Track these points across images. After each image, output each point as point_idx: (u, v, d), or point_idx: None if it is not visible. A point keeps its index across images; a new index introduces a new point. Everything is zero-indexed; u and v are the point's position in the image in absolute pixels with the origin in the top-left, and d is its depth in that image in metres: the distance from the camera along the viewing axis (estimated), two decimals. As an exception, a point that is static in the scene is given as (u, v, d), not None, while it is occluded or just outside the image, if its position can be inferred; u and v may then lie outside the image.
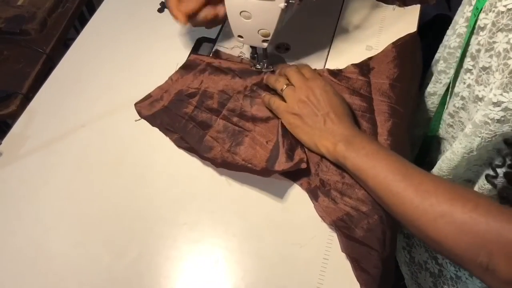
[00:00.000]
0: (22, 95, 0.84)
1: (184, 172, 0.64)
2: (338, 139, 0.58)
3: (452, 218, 0.47)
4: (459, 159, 0.59)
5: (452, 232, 0.47)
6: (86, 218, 0.61)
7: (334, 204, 0.59)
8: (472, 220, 0.46)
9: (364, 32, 0.79)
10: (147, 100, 0.71)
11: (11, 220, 0.61)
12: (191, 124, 0.67)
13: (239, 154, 0.63)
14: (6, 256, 0.58)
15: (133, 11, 0.86)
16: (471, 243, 0.46)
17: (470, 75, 0.58)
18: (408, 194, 0.51)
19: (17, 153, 0.67)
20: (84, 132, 0.69)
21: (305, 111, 0.61)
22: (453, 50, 0.64)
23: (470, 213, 0.46)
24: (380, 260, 0.54)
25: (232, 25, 0.65)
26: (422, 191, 0.50)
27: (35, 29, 0.93)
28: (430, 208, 0.48)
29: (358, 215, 0.57)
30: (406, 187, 0.51)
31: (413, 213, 0.50)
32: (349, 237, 0.56)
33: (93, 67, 0.77)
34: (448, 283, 0.70)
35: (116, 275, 0.56)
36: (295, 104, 0.62)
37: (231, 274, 0.56)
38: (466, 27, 0.60)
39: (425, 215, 0.49)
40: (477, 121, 0.53)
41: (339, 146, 0.57)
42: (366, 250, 0.55)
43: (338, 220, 0.57)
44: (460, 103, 0.62)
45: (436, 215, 0.48)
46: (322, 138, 0.59)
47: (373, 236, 0.55)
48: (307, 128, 0.61)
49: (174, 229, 0.59)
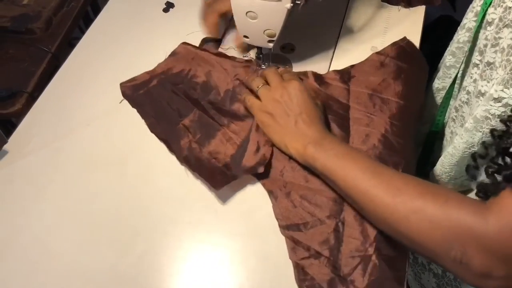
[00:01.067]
0: (27, 93, 0.84)
1: (189, 171, 0.64)
2: (308, 140, 0.58)
3: (423, 213, 0.47)
4: (460, 154, 0.59)
5: (424, 228, 0.47)
6: (91, 216, 0.61)
7: (292, 207, 0.59)
8: (444, 214, 0.46)
9: (369, 32, 0.79)
10: (132, 81, 0.72)
11: (16, 218, 0.61)
12: (169, 108, 0.68)
13: (207, 146, 0.63)
14: (11, 254, 0.59)
15: (138, 10, 0.86)
16: (444, 237, 0.46)
17: (477, 70, 0.58)
18: (378, 191, 0.51)
19: (22, 151, 0.68)
20: (89, 131, 0.69)
21: (277, 110, 0.61)
22: (462, 44, 0.64)
23: (442, 207, 0.46)
24: (331, 266, 0.54)
25: (238, 25, 0.66)
26: (393, 188, 0.50)
27: (41, 28, 0.94)
28: (401, 205, 0.48)
29: (313, 222, 0.57)
30: (376, 185, 0.51)
31: (384, 211, 0.50)
32: (298, 242, 0.56)
33: (98, 66, 0.78)
34: (451, 283, 0.70)
35: (120, 273, 0.56)
36: (268, 103, 0.62)
37: (235, 274, 0.56)
38: (475, 21, 0.60)
39: (396, 213, 0.49)
40: (478, 116, 0.53)
41: (309, 147, 0.57)
42: (314, 257, 0.55)
43: (293, 225, 0.57)
44: (465, 98, 0.62)
45: (408, 212, 0.48)
46: (292, 140, 0.59)
47: (326, 244, 0.55)
48: (278, 128, 0.61)
49: (179, 228, 0.59)
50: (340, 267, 0.54)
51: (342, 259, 0.54)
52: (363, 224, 0.56)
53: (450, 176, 0.63)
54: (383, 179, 0.51)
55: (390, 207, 0.49)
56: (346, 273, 0.53)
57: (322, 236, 0.56)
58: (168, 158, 0.66)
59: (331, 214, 0.57)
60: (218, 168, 0.61)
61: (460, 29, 0.65)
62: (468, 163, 0.57)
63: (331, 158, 0.55)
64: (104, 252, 0.58)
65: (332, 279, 0.53)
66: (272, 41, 0.66)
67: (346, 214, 0.57)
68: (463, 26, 0.64)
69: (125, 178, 0.64)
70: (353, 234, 0.56)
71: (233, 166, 0.61)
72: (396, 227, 0.50)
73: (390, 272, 0.53)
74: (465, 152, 0.57)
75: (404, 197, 0.49)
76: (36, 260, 0.58)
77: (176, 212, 0.61)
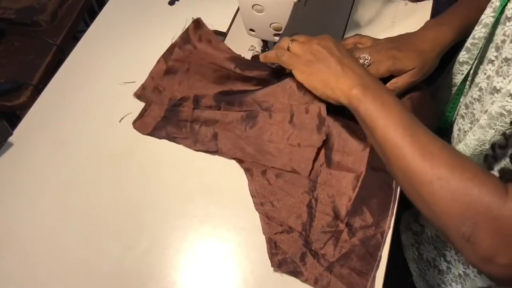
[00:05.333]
0: (32, 86, 0.84)
1: (195, 165, 0.64)
2: (356, 82, 0.56)
3: (448, 182, 0.47)
4: (471, 152, 0.58)
5: (444, 197, 0.47)
6: (97, 209, 0.61)
7: (267, 185, 0.60)
8: (466, 188, 0.46)
9: (376, 27, 0.78)
10: (142, 117, 0.69)
11: (22, 211, 0.62)
12: (197, 125, 0.67)
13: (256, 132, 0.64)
14: (16, 247, 0.59)
15: (143, 3, 0.86)
16: (459, 211, 0.45)
17: (492, 66, 0.58)
18: (413, 151, 0.50)
19: (28, 144, 0.68)
20: (94, 123, 0.69)
21: (319, 56, 0.59)
22: (478, 40, 0.63)
23: (466, 181, 0.46)
24: (303, 241, 0.56)
25: (244, 19, 0.65)
26: (427, 152, 0.49)
27: (46, 20, 0.94)
28: (429, 170, 0.48)
29: (287, 199, 0.59)
30: (413, 144, 0.50)
31: (412, 171, 0.50)
32: (271, 218, 0.58)
33: (103, 59, 0.77)
34: (456, 280, 0.70)
35: (126, 266, 0.56)
36: (307, 52, 0.60)
37: (240, 268, 0.56)
38: (493, 17, 0.59)
39: (423, 175, 0.48)
40: (493, 112, 0.52)
41: (356, 88, 0.56)
42: (287, 232, 0.57)
43: (267, 202, 0.59)
44: (477, 94, 0.61)
45: (434, 177, 0.47)
46: (339, 82, 0.57)
47: (299, 220, 0.57)
48: (322, 74, 0.59)
49: (184, 222, 0.59)
50: (312, 242, 0.56)
51: (314, 234, 0.57)
52: (335, 201, 0.58)
53: None
54: (421, 139, 0.51)
55: (419, 168, 0.49)
56: (318, 247, 0.56)
57: (295, 212, 0.58)
58: (174, 152, 0.65)
59: (304, 191, 0.59)
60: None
61: (477, 25, 0.64)
62: (487, 153, 0.57)
63: (377, 104, 0.54)
64: (109, 246, 0.58)
65: (304, 253, 0.55)
66: (278, 35, 0.66)
67: (320, 190, 0.59)
68: (479, 22, 0.63)
69: (131, 171, 0.64)
70: (325, 210, 0.58)
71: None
72: (418, 189, 0.49)
73: (362, 247, 0.55)
74: (475, 150, 0.56)
75: (434, 162, 0.48)
76: (41, 253, 0.58)
77: (181, 206, 0.61)
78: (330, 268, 0.54)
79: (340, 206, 0.58)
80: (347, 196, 0.58)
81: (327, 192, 0.59)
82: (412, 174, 0.50)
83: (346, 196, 0.58)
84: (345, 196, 0.59)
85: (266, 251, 0.57)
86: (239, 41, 0.76)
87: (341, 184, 0.59)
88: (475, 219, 0.44)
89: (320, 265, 0.55)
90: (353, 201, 0.58)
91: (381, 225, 0.57)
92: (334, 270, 0.54)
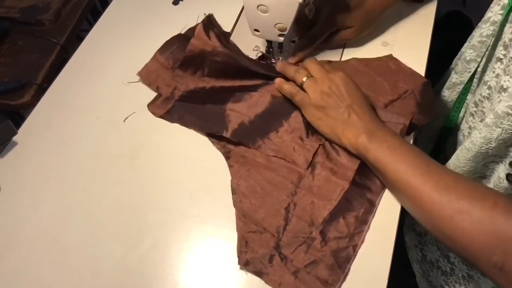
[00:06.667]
0: (36, 85, 0.84)
1: (198, 165, 0.64)
2: (361, 130, 0.57)
3: (469, 215, 0.46)
4: (477, 149, 0.58)
5: (468, 229, 0.46)
6: (100, 209, 0.61)
7: (251, 184, 0.61)
8: (490, 218, 0.45)
9: (380, 27, 0.78)
10: (158, 99, 0.70)
11: (25, 209, 0.62)
12: (207, 105, 0.68)
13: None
14: (20, 246, 0.59)
15: (146, 3, 0.86)
16: (487, 241, 0.45)
17: (500, 65, 0.57)
18: (427, 188, 0.50)
19: (32, 143, 0.68)
20: (98, 123, 0.69)
21: (329, 103, 0.60)
22: (485, 38, 0.63)
23: (489, 211, 0.45)
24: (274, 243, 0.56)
25: (249, 19, 0.65)
26: (442, 187, 0.49)
27: (50, 19, 0.94)
28: (448, 204, 0.48)
29: (267, 199, 0.59)
30: (426, 182, 0.51)
31: (430, 208, 0.50)
32: (247, 216, 0.58)
33: (107, 58, 0.77)
34: (460, 282, 0.70)
35: (129, 266, 0.56)
36: (318, 96, 0.61)
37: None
38: (501, 15, 0.59)
39: (443, 211, 0.48)
40: (499, 111, 0.52)
41: (362, 137, 0.57)
42: (260, 233, 0.57)
43: (247, 201, 0.59)
44: (486, 92, 0.61)
45: (454, 211, 0.47)
46: (345, 131, 0.59)
47: (274, 222, 0.58)
48: (330, 121, 0.60)
49: (187, 221, 0.59)
50: (283, 245, 0.56)
51: (287, 238, 0.57)
52: (313, 208, 0.58)
53: (463, 171, 0.62)
54: (434, 176, 0.51)
55: (437, 205, 0.49)
56: (288, 252, 0.56)
57: (272, 214, 0.58)
58: (178, 152, 0.65)
59: (285, 194, 0.60)
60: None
61: (484, 23, 0.64)
62: (508, 171, 0.57)
63: (384, 150, 0.55)
64: (112, 245, 0.58)
65: (272, 256, 0.55)
66: (282, 35, 0.65)
67: (300, 196, 0.59)
68: (487, 20, 0.62)
69: (134, 171, 0.64)
70: (302, 216, 0.58)
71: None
72: (440, 226, 0.49)
73: (331, 257, 0.55)
74: (481, 147, 0.56)
75: (451, 196, 0.48)
76: (44, 253, 0.58)
77: (185, 206, 0.61)
78: (295, 273, 0.54)
79: (317, 214, 0.58)
80: (326, 206, 0.58)
81: (308, 198, 0.59)
82: (431, 212, 0.50)
83: (325, 206, 0.58)
84: (324, 205, 0.58)
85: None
86: (243, 41, 0.76)
87: (323, 193, 0.59)
88: (505, 247, 0.44)
89: (287, 269, 0.54)
90: (331, 211, 0.58)
91: (355, 238, 0.56)
92: (299, 275, 0.54)
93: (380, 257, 0.55)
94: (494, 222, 0.45)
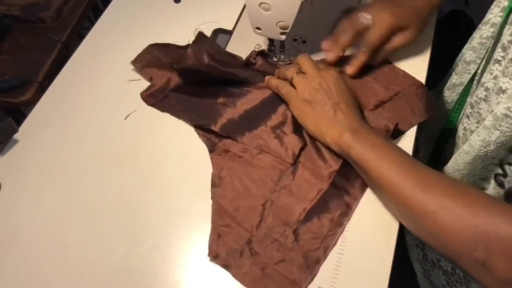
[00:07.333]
0: (37, 83, 0.84)
1: (200, 163, 0.64)
2: (345, 128, 0.58)
3: (451, 210, 0.46)
4: (475, 152, 0.58)
5: (450, 225, 0.46)
6: (101, 207, 0.61)
7: (228, 166, 0.62)
8: (472, 213, 0.45)
9: (382, 26, 0.78)
10: (151, 88, 0.71)
11: (26, 208, 0.62)
12: (199, 98, 0.68)
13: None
14: (20, 244, 0.59)
15: (149, 1, 0.85)
16: (469, 236, 0.45)
17: (499, 66, 0.57)
18: (410, 184, 0.50)
19: (33, 141, 0.68)
20: (99, 121, 0.69)
21: (317, 98, 0.60)
22: (485, 40, 0.63)
23: (470, 206, 0.45)
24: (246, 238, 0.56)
25: (251, 17, 0.65)
26: (424, 184, 0.49)
27: (51, 17, 0.94)
28: (430, 200, 0.48)
29: (245, 195, 0.59)
30: (408, 178, 0.51)
31: (412, 204, 0.50)
32: (224, 210, 0.58)
33: (108, 57, 0.77)
34: (461, 281, 0.70)
35: (130, 265, 0.56)
36: (306, 90, 0.61)
37: (245, 267, 0.56)
38: (501, 16, 0.59)
39: (425, 206, 0.48)
40: (498, 113, 0.52)
41: (345, 135, 0.57)
42: (234, 227, 0.57)
43: (225, 195, 0.60)
44: (483, 94, 0.61)
45: (436, 207, 0.47)
46: (329, 128, 0.59)
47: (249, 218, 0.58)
48: (315, 116, 0.60)
49: (189, 220, 0.59)
50: (254, 242, 0.56)
51: (259, 235, 0.56)
52: (290, 207, 0.58)
53: (462, 174, 0.62)
54: (416, 174, 0.51)
55: (419, 201, 0.49)
56: (259, 249, 0.56)
57: (249, 210, 0.58)
58: (179, 150, 0.65)
59: (264, 191, 0.60)
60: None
61: (484, 25, 0.64)
62: (496, 171, 0.57)
63: (367, 148, 0.55)
64: (113, 244, 0.58)
65: (243, 251, 0.55)
66: (284, 33, 0.65)
67: (278, 194, 0.59)
68: (487, 22, 0.62)
69: (136, 169, 0.64)
70: (277, 214, 0.58)
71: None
72: (422, 222, 0.49)
73: (301, 257, 0.55)
74: (480, 150, 0.56)
75: (434, 193, 0.48)
76: (45, 251, 0.58)
77: (186, 205, 0.60)
78: (264, 269, 0.54)
79: (293, 214, 0.58)
80: (302, 206, 0.58)
81: (286, 197, 0.59)
82: (413, 208, 0.50)
83: (302, 205, 0.58)
84: (301, 205, 0.58)
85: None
86: (245, 40, 0.76)
87: (301, 193, 0.59)
88: (487, 243, 0.43)
89: (256, 264, 0.54)
90: (307, 211, 0.57)
91: (327, 240, 0.56)
92: (267, 271, 0.54)
93: (382, 256, 0.55)
94: (475, 217, 0.45)
